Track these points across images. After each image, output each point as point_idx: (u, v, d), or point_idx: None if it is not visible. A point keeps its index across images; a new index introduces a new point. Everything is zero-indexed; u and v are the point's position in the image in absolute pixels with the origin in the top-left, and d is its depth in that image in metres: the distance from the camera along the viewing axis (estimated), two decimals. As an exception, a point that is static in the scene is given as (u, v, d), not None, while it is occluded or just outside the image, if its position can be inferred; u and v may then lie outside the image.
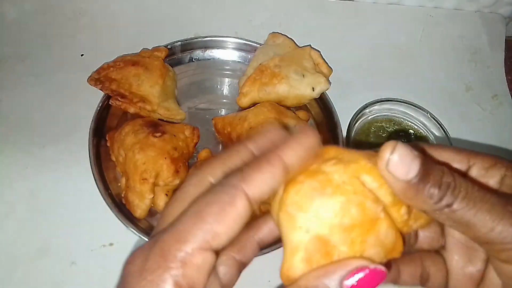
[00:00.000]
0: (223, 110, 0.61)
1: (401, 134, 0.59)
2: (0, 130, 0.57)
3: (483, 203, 0.22)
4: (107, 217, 0.47)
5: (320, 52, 0.61)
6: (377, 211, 0.23)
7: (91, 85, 0.55)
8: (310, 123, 0.59)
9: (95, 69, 0.56)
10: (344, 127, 0.57)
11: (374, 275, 0.21)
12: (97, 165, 0.51)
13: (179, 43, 0.62)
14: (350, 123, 0.57)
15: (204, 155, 0.53)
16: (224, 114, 0.60)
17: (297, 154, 0.23)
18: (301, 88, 0.56)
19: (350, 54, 0.70)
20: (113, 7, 0.71)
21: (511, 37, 0.76)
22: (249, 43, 0.64)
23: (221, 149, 0.57)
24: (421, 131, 0.60)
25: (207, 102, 0.61)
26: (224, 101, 0.62)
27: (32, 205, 0.51)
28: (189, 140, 0.53)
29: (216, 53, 0.65)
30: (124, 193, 0.50)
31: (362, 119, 0.59)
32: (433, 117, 0.59)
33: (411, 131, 0.60)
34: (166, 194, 0.50)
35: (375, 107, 0.59)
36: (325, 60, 0.61)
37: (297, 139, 0.23)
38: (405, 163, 0.22)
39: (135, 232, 0.46)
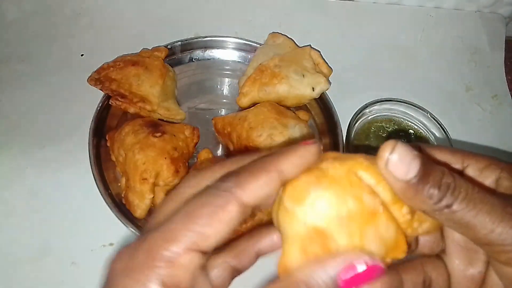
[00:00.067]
0: (223, 110, 0.61)
1: (401, 134, 0.59)
2: (0, 130, 0.57)
3: (483, 204, 0.22)
4: (107, 217, 0.47)
5: (320, 52, 0.61)
6: (375, 204, 0.23)
7: (91, 85, 0.55)
8: (310, 123, 0.59)
9: (95, 69, 0.56)
10: (344, 127, 0.57)
11: (371, 271, 0.21)
12: (97, 165, 0.51)
13: (179, 43, 0.62)
14: (350, 123, 0.57)
15: (204, 155, 0.53)
16: (224, 114, 0.60)
17: (295, 164, 0.23)
18: (301, 88, 0.56)
19: (350, 54, 0.70)
20: (113, 7, 0.71)
21: (511, 37, 0.76)
22: (249, 43, 0.64)
23: (221, 149, 0.57)
24: (421, 131, 0.60)
25: (207, 102, 0.61)
26: (224, 101, 0.62)
27: (32, 205, 0.51)
28: (189, 140, 0.53)
29: (216, 53, 0.64)
30: (124, 193, 0.50)
31: (362, 119, 0.59)
32: (433, 117, 0.59)
33: (411, 131, 0.60)
34: (166, 194, 0.50)
35: (375, 107, 0.59)
36: (325, 60, 0.61)
37: (297, 149, 0.23)
38: (404, 162, 0.22)
39: (135, 232, 0.46)
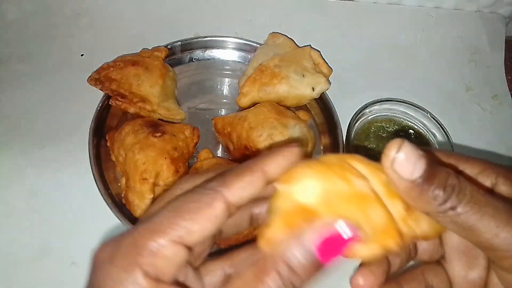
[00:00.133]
0: (223, 110, 0.61)
1: (401, 134, 0.59)
2: (0, 130, 0.57)
3: (488, 207, 0.21)
4: (107, 217, 0.47)
5: (320, 52, 0.61)
6: (366, 189, 0.23)
7: (91, 85, 0.55)
8: (310, 123, 0.59)
9: (95, 69, 0.56)
10: (344, 127, 0.57)
11: (348, 238, 0.21)
12: (97, 165, 0.51)
13: (179, 43, 0.62)
14: (350, 123, 0.57)
15: (204, 155, 0.53)
16: (224, 114, 0.60)
17: (278, 164, 0.23)
18: (301, 88, 0.56)
19: (350, 54, 0.69)
20: (113, 7, 0.71)
21: (511, 37, 0.76)
22: (249, 43, 0.64)
23: (221, 149, 0.57)
24: (421, 131, 0.60)
25: (207, 102, 0.61)
26: (224, 101, 0.62)
27: (32, 205, 0.51)
28: (189, 140, 0.53)
29: (216, 53, 0.64)
30: (124, 193, 0.50)
31: (362, 119, 0.59)
32: (433, 117, 0.59)
33: (411, 131, 0.60)
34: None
35: (375, 107, 0.59)
36: (325, 60, 0.61)
37: (280, 151, 0.24)
38: (410, 162, 0.21)
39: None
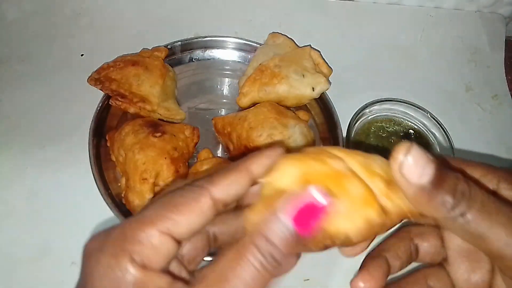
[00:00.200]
0: (223, 110, 0.61)
1: (401, 134, 0.59)
2: (0, 130, 0.57)
3: (499, 215, 0.21)
4: (107, 217, 0.47)
5: (320, 52, 0.61)
6: (341, 167, 0.23)
7: (91, 85, 0.55)
8: (310, 123, 0.59)
9: (95, 69, 0.56)
10: (344, 127, 0.57)
11: (322, 206, 0.22)
12: (97, 165, 0.51)
13: (179, 43, 0.62)
14: (350, 123, 0.57)
15: (204, 155, 0.53)
16: (224, 114, 0.60)
17: (262, 163, 0.25)
18: (301, 88, 0.56)
19: (350, 54, 0.70)
20: (113, 7, 0.71)
21: (511, 37, 0.76)
22: (249, 43, 0.64)
23: (221, 149, 0.57)
24: (421, 131, 0.60)
25: (207, 102, 0.61)
26: (224, 101, 0.62)
27: (32, 205, 0.51)
28: (189, 140, 0.53)
29: (216, 53, 0.64)
30: (124, 193, 0.50)
31: (362, 119, 0.59)
32: (433, 117, 0.59)
33: (411, 131, 0.60)
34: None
35: (375, 107, 0.59)
36: (325, 60, 0.61)
37: (263, 151, 0.25)
38: (419, 166, 0.21)
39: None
